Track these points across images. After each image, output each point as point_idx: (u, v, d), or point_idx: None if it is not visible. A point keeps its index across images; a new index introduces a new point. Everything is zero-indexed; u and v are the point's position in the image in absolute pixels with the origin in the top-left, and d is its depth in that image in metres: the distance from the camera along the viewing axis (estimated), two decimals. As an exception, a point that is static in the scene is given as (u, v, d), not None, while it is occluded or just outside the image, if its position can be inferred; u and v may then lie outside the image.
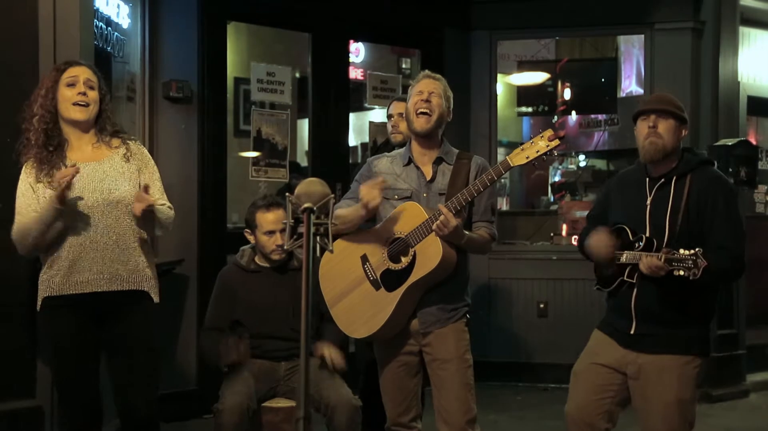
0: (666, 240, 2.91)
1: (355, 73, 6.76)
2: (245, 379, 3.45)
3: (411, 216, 3.06)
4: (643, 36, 6.23)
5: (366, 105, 6.47)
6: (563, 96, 6.98)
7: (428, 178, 3.18)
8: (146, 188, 3.02)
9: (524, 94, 7.10)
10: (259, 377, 3.51)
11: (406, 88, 3.35)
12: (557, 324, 5.99)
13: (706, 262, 2.68)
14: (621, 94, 7.28)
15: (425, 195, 3.16)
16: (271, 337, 3.56)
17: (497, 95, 6.50)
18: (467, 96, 6.18)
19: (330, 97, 5.72)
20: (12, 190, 3.07)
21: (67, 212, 2.95)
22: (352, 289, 3.17)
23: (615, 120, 7.34)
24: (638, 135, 3.07)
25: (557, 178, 7.96)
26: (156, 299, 3.16)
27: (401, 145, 3.59)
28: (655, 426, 2.99)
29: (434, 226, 2.96)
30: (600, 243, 3.05)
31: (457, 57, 6.20)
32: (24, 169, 3.06)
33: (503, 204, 7.49)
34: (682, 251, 2.72)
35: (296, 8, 5.54)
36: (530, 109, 7.19)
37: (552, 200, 7.67)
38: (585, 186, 7.45)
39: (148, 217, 3.05)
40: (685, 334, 2.97)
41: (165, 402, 3.92)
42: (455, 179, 3.14)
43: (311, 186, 2.42)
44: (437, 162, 3.20)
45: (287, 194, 2.43)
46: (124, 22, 4.83)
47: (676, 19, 5.98)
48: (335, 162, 5.71)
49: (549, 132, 2.99)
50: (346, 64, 5.98)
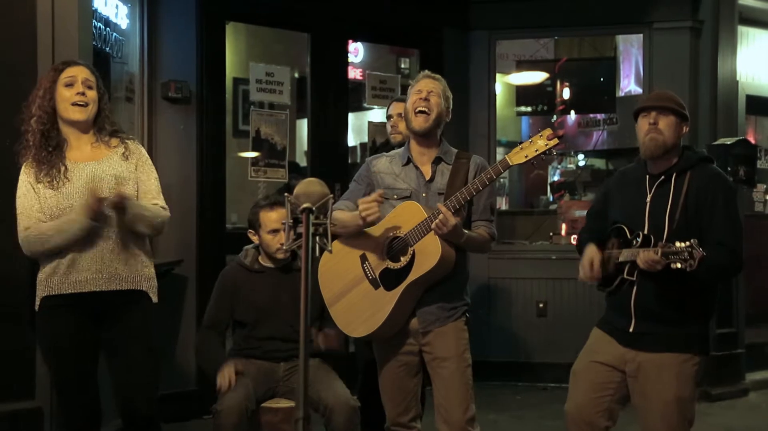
0: (665, 237, 2.91)
1: (354, 73, 6.76)
2: (244, 380, 3.45)
3: (410, 215, 3.06)
4: (642, 35, 6.23)
5: (365, 105, 6.48)
6: (562, 95, 6.97)
7: (427, 178, 3.18)
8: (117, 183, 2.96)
9: (523, 94, 7.09)
10: (258, 378, 3.51)
11: (405, 88, 3.36)
12: (556, 323, 5.99)
13: (703, 252, 2.68)
14: (620, 94, 7.28)
15: (424, 194, 3.16)
16: (271, 338, 3.56)
17: (496, 95, 6.50)
18: (466, 96, 6.18)
19: (329, 97, 5.72)
20: (12, 191, 3.06)
21: (66, 213, 2.95)
22: (351, 288, 3.17)
23: (614, 119, 7.33)
24: (639, 131, 3.08)
25: (556, 178, 7.96)
26: (155, 299, 3.15)
27: (400, 146, 3.59)
28: (655, 424, 2.98)
29: (433, 225, 2.96)
30: (586, 264, 3.07)
31: (456, 57, 6.20)
32: (23, 169, 3.05)
33: (502, 203, 7.49)
34: (678, 243, 2.72)
35: (295, 8, 5.54)
36: (529, 109, 7.18)
37: (551, 200, 7.66)
38: (584, 185, 7.44)
39: (122, 213, 2.96)
40: (685, 332, 2.97)
41: (164, 402, 3.92)
42: (454, 179, 3.14)
43: (310, 186, 2.42)
44: (436, 161, 3.20)
45: (286, 194, 2.44)
46: (123, 23, 4.83)
47: (675, 19, 5.98)
48: (334, 162, 5.70)
49: (548, 131, 2.99)
50: (345, 64, 5.97)
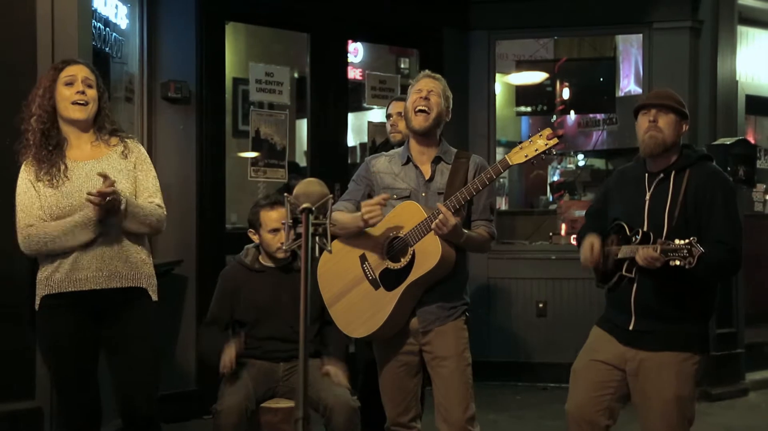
0: (665, 235, 2.91)
1: (354, 73, 6.76)
2: (244, 380, 3.45)
3: (410, 215, 3.06)
4: (642, 35, 6.23)
5: (365, 105, 6.48)
6: (562, 95, 6.97)
7: (427, 177, 3.18)
8: (104, 176, 2.88)
9: (523, 94, 7.09)
10: (258, 378, 3.51)
11: (405, 88, 3.36)
12: (556, 323, 5.99)
13: (702, 250, 2.68)
14: (619, 94, 7.28)
15: (424, 194, 3.16)
16: (271, 338, 3.55)
17: (496, 95, 6.50)
18: (466, 96, 6.19)
19: (329, 97, 5.72)
20: (12, 191, 3.06)
21: (65, 213, 2.94)
22: (351, 289, 3.17)
23: (613, 119, 7.33)
24: (639, 129, 3.08)
25: (556, 178, 7.96)
26: (155, 297, 3.15)
27: (400, 145, 3.59)
28: (654, 423, 2.99)
29: (433, 225, 2.95)
30: (587, 250, 3.07)
31: (456, 57, 6.20)
32: (23, 167, 3.05)
33: (502, 203, 7.49)
34: (677, 241, 2.72)
35: (295, 8, 5.53)
36: (529, 109, 7.18)
37: (551, 200, 7.66)
38: (584, 185, 7.44)
39: (111, 206, 2.92)
40: (684, 331, 2.97)
41: (164, 402, 3.92)
42: (454, 178, 3.14)
43: (310, 186, 2.42)
44: (436, 161, 3.20)
45: (286, 194, 2.43)
46: (123, 23, 4.82)
47: (675, 19, 5.98)
48: (334, 162, 5.70)
49: (548, 131, 2.99)
50: (345, 64, 5.97)
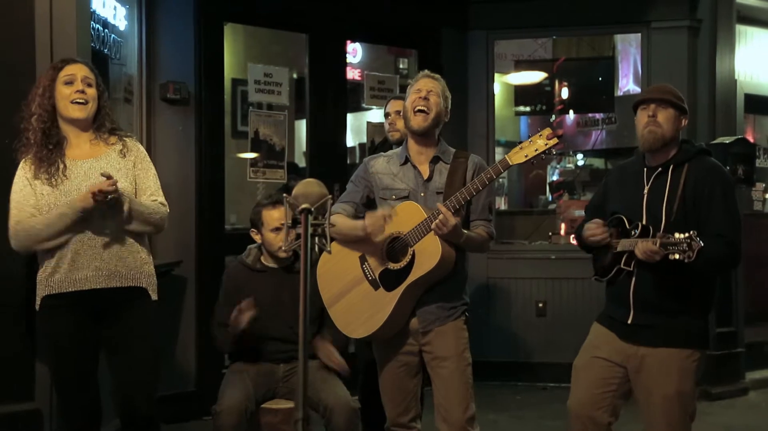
0: (662, 229, 2.91)
1: (353, 74, 6.77)
2: (243, 381, 3.45)
3: (409, 215, 3.05)
4: (640, 35, 6.23)
5: (363, 105, 6.49)
6: (561, 95, 6.97)
7: (425, 177, 3.17)
8: (107, 176, 2.91)
9: (521, 94, 7.09)
10: (258, 379, 3.51)
11: (404, 88, 3.36)
12: (556, 323, 5.99)
13: (701, 244, 2.68)
14: (618, 93, 7.29)
15: (423, 194, 3.16)
16: (272, 338, 3.56)
17: (494, 95, 6.49)
18: (464, 96, 6.18)
19: (327, 98, 5.72)
20: (11, 191, 3.06)
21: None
22: (351, 289, 3.16)
23: (612, 119, 7.34)
24: (638, 124, 3.09)
25: (555, 177, 7.96)
26: (154, 296, 3.15)
27: (399, 143, 3.59)
28: (657, 418, 2.99)
29: (433, 225, 2.95)
30: (593, 226, 3.08)
31: (455, 57, 6.19)
32: (22, 165, 3.05)
33: (501, 203, 7.50)
34: (677, 234, 2.72)
35: (293, 9, 5.53)
36: (528, 109, 7.18)
37: (550, 199, 7.67)
38: (583, 185, 7.45)
39: (113, 205, 2.94)
40: (684, 327, 2.97)
41: (164, 403, 3.92)
42: (452, 178, 3.14)
43: (309, 187, 2.42)
44: (434, 161, 3.19)
45: (285, 195, 2.43)
46: (121, 24, 4.82)
47: (673, 18, 5.98)
48: (333, 162, 5.70)
49: (547, 131, 2.99)
50: (344, 65, 5.97)
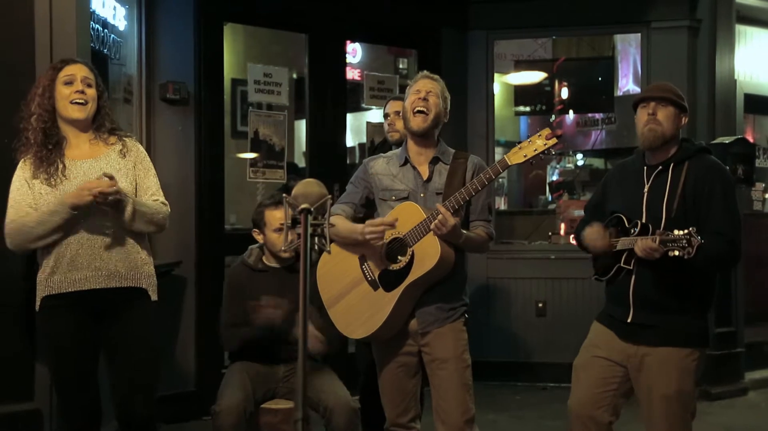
0: (663, 226, 2.91)
1: (352, 74, 6.76)
2: (243, 381, 3.45)
3: (408, 216, 3.05)
4: (640, 35, 6.23)
5: (363, 105, 6.48)
6: (560, 95, 6.97)
7: (425, 178, 3.17)
8: (109, 177, 2.92)
9: (521, 94, 7.09)
10: (258, 379, 3.51)
11: (403, 89, 3.36)
12: (556, 323, 5.99)
13: (700, 240, 2.68)
14: (618, 93, 7.28)
15: (422, 195, 3.15)
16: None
17: (494, 95, 6.49)
18: (464, 96, 6.18)
19: (327, 98, 5.72)
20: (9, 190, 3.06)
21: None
22: (350, 290, 3.16)
23: (612, 119, 7.34)
24: (638, 122, 3.09)
25: (555, 177, 7.96)
26: (154, 297, 3.14)
27: (398, 144, 3.59)
28: (657, 417, 3.00)
29: (432, 225, 2.95)
30: (595, 235, 3.07)
31: (454, 57, 6.19)
32: (21, 164, 3.05)
33: (501, 203, 7.49)
34: (676, 231, 2.73)
35: (293, 9, 5.53)
36: (527, 109, 7.19)
37: (550, 199, 7.67)
38: (583, 185, 7.45)
39: (117, 207, 2.94)
40: (684, 326, 2.97)
41: (163, 403, 3.93)
42: (452, 179, 3.13)
43: (308, 187, 2.42)
44: (434, 161, 3.19)
45: (284, 195, 2.43)
46: (121, 24, 4.82)
47: (673, 18, 5.98)
48: (333, 162, 5.70)
49: (546, 131, 2.99)
50: (343, 65, 5.97)
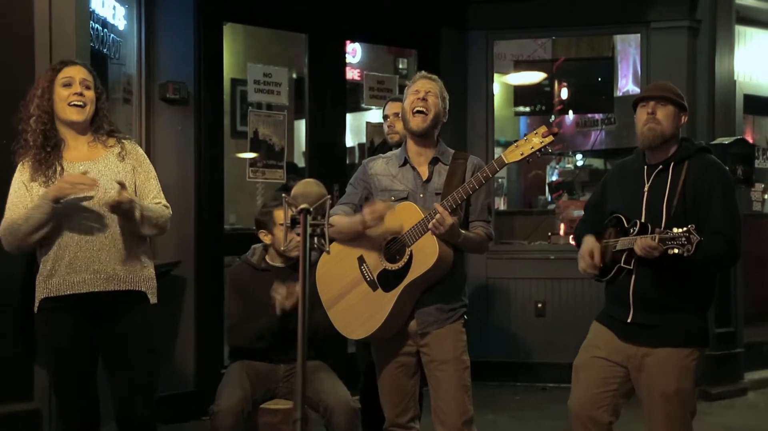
0: (663, 225, 2.91)
1: (352, 74, 6.76)
2: (242, 381, 3.45)
3: (407, 216, 3.05)
4: (640, 35, 6.23)
5: (363, 105, 6.49)
6: (560, 95, 6.98)
7: (424, 178, 3.17)
8: (121, 185, 2.92)
9: (521, 94, 7.09)
10: (257, 379, 3.51)
11: (403, 89, 3.35)
12: (555, 323, 5.99)
13: (699, 237, 2.68)
14: (618, 93, 7.29)
15: (422, 195, 3.15)
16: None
17: (494, 95, 6.50)
18: (464, 96, 6.18)
19: (327, 98, 5.72)
20: (8, 192, 3.06)
21: (61, 213, 2.94)
22: (349, 290, 3.16)
23: (612, 119, 7.34)
24: (637, 122, 3.09)
25: (554, 178, 7.96)
26: (153, 299, 3.14)
27: (398, 145, 3.59)
28: (657, 417, 3.00)
29: (430, 225, 2.95)
30: (585, 267, 3.08)
31: (454, 57, 6.19)
32: (19, 168, 3.05)
33: (501, 203, 7.48)
34: (676, 229, 2.73)
35: (293, 9, 5.53)
36: (527, 109, 7.19)
37: (549, 199, 7.66)
38: (582, 185, 7.45)
39: (128, 214, 2.95)
40: (684, 326, 2.97)
41: (163, 404, 3.92)
42: (451, 179, 3.13)
43: (308, 187, 2.42)
44: (433, 162, 3.19)
45: (284, 195, 2.43)
46: (120, 24, 4.82)
47: (672, 18, 5.98)
48: (332, 163, 5.70)
49: (543, 128, 2.99)
50: (343, 65, 5.97)
